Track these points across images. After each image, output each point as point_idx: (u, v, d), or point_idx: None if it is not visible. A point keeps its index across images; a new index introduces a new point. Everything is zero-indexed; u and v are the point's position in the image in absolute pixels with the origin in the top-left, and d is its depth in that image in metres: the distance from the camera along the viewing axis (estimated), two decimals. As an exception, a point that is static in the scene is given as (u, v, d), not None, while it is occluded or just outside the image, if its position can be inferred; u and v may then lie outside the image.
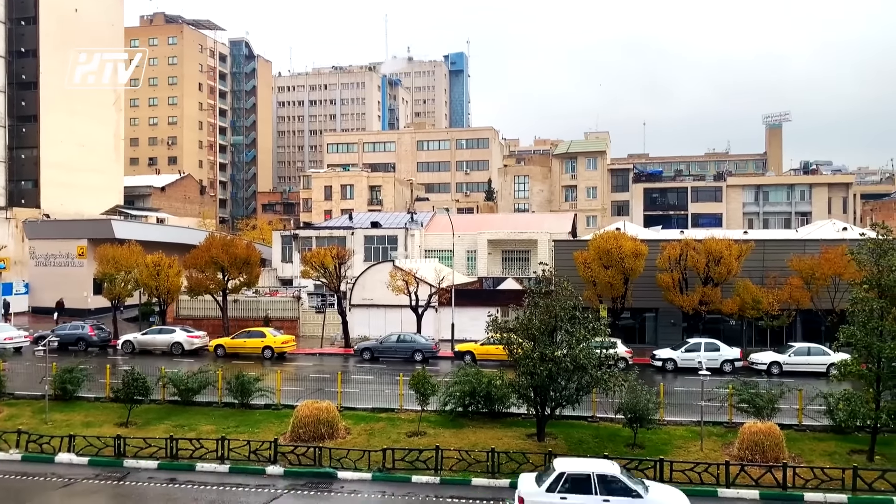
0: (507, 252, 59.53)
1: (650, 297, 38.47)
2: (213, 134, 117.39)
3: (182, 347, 38.53)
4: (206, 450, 20.62)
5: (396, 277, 40.14)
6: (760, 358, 33.75)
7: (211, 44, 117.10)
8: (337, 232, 57.60)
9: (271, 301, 47.76)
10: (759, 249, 38.10)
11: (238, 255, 41.78)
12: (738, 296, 35.80)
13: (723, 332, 38.32)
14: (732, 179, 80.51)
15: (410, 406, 24.30)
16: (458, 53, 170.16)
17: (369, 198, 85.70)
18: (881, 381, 19.44)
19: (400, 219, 63.89)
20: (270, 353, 37.14)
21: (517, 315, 22.07)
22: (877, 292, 19.62)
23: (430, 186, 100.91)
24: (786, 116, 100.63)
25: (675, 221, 75.30)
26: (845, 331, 20.03)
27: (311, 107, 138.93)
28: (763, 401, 21.73)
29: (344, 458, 19.89)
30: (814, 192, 76.65)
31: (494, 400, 23.22)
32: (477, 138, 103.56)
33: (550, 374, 20.33)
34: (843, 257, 32.19)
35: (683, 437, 21.83)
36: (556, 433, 22.08)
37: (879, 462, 19.64)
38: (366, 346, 37.88)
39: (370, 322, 43.84)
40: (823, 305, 35.28)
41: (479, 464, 19.49)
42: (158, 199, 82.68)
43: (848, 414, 19.92)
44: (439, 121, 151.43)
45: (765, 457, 19.28)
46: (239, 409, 25.27)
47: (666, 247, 37.49)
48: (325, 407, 21.95)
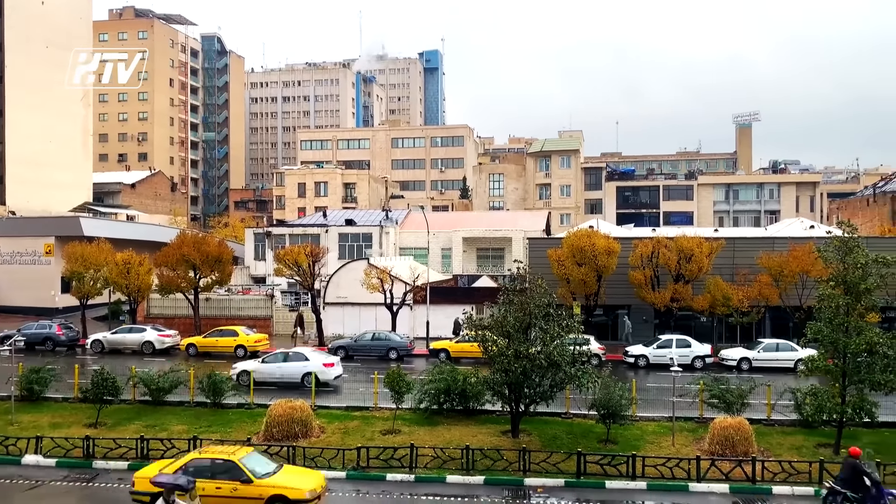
0: (482, 250, 59.66)
1: (623, 295, 38.85)
2: (185, 130, 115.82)
3: (153, 346, 38.01)
4: (177, 450, 20.33)
5: (371, 275, 40.01)
6: (730, 354, 34.30)
7: (182, 39, 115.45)
8: (311, 229, 57.22)
9: (244, 299, 47.33)
10: (729, 247, 38.68)
11: (210, 252, 41.34)
12: (709, 293, 36.32)
13: (694, 329, 38.85)
14: (703, 178, 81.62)
15: (385, 404, 24.27)
16: (432, 51, 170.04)
17: (344, 195, 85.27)
18: (847, 376, 19.86)
19: (375, 216, 63.69)
20: (243, 352, 36.75)
21: (492, 312, 22.14)
22: (842, 289, 20.03)
23: (405, 184, 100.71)
24: (755, 116, 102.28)
25: (648, 219, 76.14)
26: (812, 327, 20.44)
27: (284, 103, 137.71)
28: (733, 396, 22.08)
29: (318, 457, 19.78)
30: (782, 190, 78.04)
31: (469, 397, 23.31)
32: (452, 136, 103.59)
33: (525, 371, 20.44)
34: (811, 255, 32.86)
35: (655, 433, 22.10)
36: (531, 430, 22.21)
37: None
38: (340, 344, 37.70)
39: (345, 320, 43.63)
40: (791, 302, 35.94)
41: (453, 461, 19.53)
42: (128, 196, 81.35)
43: (815, 408, 20.33)
44: (414, 118, 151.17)
45: (735, 451, 19.60)
46: (211, 408, 25.00)
47: (638, 244, 37.88)
48: (299, 406, 21.83)
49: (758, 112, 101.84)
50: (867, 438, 21.47)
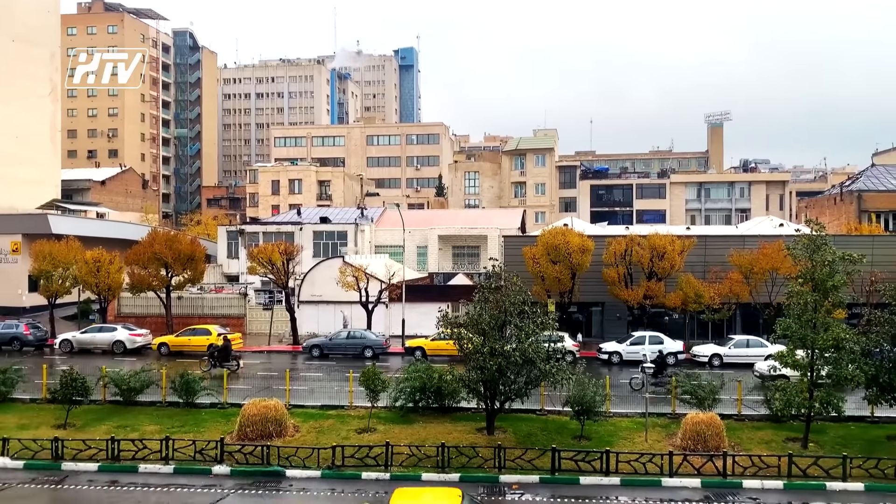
0: (458, 247, 59.73)
1: (596, 292, 39.19)
2: (156, 126, 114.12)
3: (124, 346, 37.48)
4: (149, 450, 20.09)
5: (346, 273, 39.84)
6: (702, 350, 34.79)
7: (153, 34, 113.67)
8: (285, 227, 56.78)
9: (217, 298, 46.84)
10: (700, 245, 39.19)
11: (182, 250, 40.86)
12: (681, 290, 36.78)
13: (666, 326, 39.32)
14: (676, 177, 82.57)
15: (360, 403, 24.21)
16: (407, 48, 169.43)
17: (318, 193, 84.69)
18: (815, 371, 20.24)
19: (350, 214, 63.41)
20: (216, 351, 36.36)
21: (467, 310, 22.19)
22: (811, 286, 20.42)
23: (380, 181, 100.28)
24: (726, 116, 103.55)
25: (621, 217, 76.81)
26: (782, 323, 20.81)
27: (257, 100, 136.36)
28: (704, 392, 22.41)
29: (292, 457, 19.67)
30: (752, 189, 79.26)
31: (445, 395, 23.34)
32: (427, 134, 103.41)
33: (500, 369, 20.51)
34: (780, 252, 33.44)
35: (629, 429, 22.34)
36: (506, 427, 22.32)
37: (813, 449, 20.48)
38: (315, 342, 37.53)
39: (319, 319, 43.40)
40: (761, 299, 36.53)
41: (429, 458, 19.54)
42: (98, 193, 79.91)
43: (783, 403, 20.68)
44: (389, 116, 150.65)
45: (706, 446, 19.89)
46: (184, 408, 24.72)
47: (612, 242, 38.22)
48: (273, 405, 21.68)
49: (729, 112, 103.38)
50: (834, 432, 21.96)
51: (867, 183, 57.51)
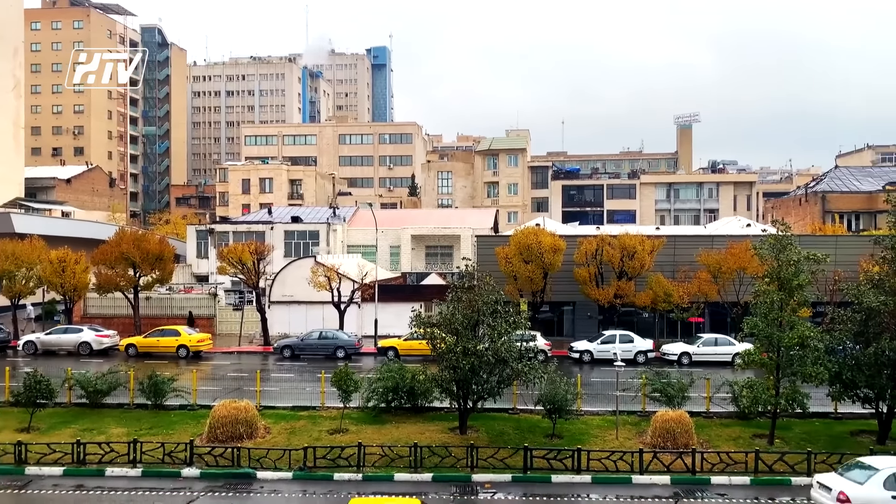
0: (431, 247, 59.71)
1: (568, 291, 39.45)
2: (124, 124, 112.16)
3: (90, 347, 36.79)
4: (116, 454, 19.74)
5: (318, 273, 39.57)
6: (671, 349, 35.25)
7: (121, 29, 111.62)
8: (255, 227, 56.24)
9: (186, 298, 46.22)
10: (670, 245, 39.68)
11: (150, 250, 40.25)
12: (651, 289, 37.22)
13: (636, 325, 39.74)
14: (645, 177, 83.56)
15: (332, 403, 24.09)
16: (380, 47, 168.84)
17: (289, 192, 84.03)
18: (780, 369, 20.63)
19: (322, 213, 63.03)
20: (186, 352, 35.97)
21: (440, 310, 22.20)
22: (777, 285, 20.80)
23: (352, 181, 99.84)
24: (695, 117, 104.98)
25: (592, 217, 77.44)
26: (749, 322, 21.16)
27: (228, 97, 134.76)
28: (674, 390, 22.70)
29: (263, 458, 19.49)
30: (721, 190, 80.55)
31: (417, 395, 23.33)
32: (400, 133, 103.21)
33: (473, 368, 20.56)
34: (747, 252, 34.00)
35: (600, 427, 22.54)
36: (478, 426, 22.37)
37: (779, 445, 20.88)
38: (286, 343, 37.23)
39: (290, 319, 43.07)
40: (729, 298, 37.13)
41: (401, 459, 19.51)
42: (64, 191, 78.26)
43: (751, 400, 21.05)
44: (362, 115, 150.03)
45: (676, 443, 20.16)
46: (152, 410, 24.35)
47: (583, 242, 38.53)
48: (244, 406, 21.47)
49: (698, 113, 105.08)
50: (799, 428, 22.41)
51: (831, 184, 58.85)
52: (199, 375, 27.73)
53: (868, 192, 55.47)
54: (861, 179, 59.13)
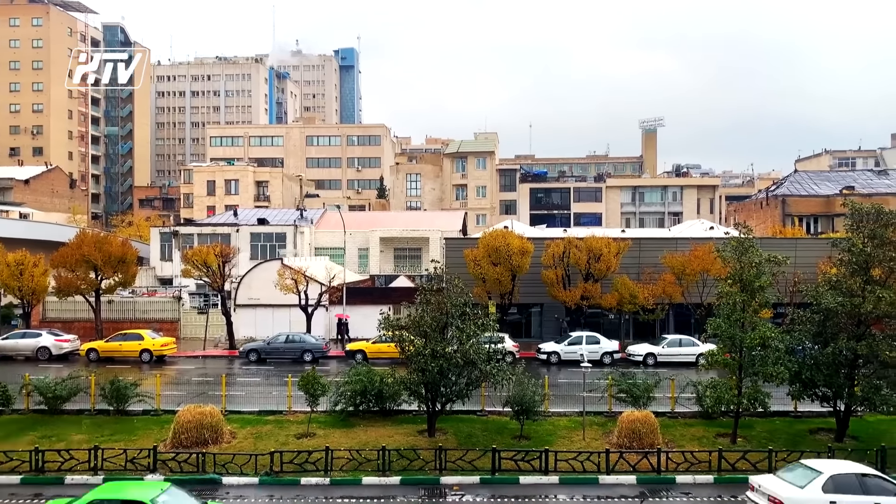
0: (400, 249, 59.61)
1: (536, 293, 39.73)
2: (85, 124, 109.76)
3: (49, 352, 35.94)
4: (76, 461, 19.28)
5: (285, 276, 39.21)
6: (637, 350, 35.72)
7: (82, 27, 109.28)
8: (221, 229, 55.50)
9: (150, 302, 45.41)
10: (635, 247, 40.23)
11: (113, 252, 39.42)
12: (617, 291, 37.68)
13: (602, 326, 40.20)
14: (611, 181, 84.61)
15: (300, 407, 23.88)
16: (348, 48, 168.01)
17: (256, 193, 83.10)
18: (743, 369, 21.04)
19: (289, 215, 62.48)
20: (149, 357, 35.34)
21: (409, 312, 22.17)
22: (739, 287, 21.22)
23: (320, 183, 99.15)
24: (660, 122, 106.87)
25: (559, 220, 78.20)
26: (712, 323, 21.55)
27: (193, 98, 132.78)
28: (640, 390, 23.00)
29: (229, 463, 19.23)
30: (684, 193, 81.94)
31: (386, 398, 23.24)
32: (369, 135, 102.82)
33: (441, 370, 20.57)
34: (710, 254, 34.62)
35: (567, 428, 22.72)
36: (447, 428, 22.38)
37: (741, 444, 21.30)
38: (252, 347, 36.80)
39: (257, 322, 42.59)
40: (693, 299, 37.76)
41: (369, 462, 19.42)
42: (21, 192, 76.29)
43: (714, 400, 21.44)
44: (329, 116, 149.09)
45: (641, 443, 20.42)
46: (115, 416, 23.83)
47: (550, 244, 38.85)
48: (209, 411, 21.16)
49: (662, 118, 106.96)
50: (761, 427, 22.88)
51: (790, 188, 60.25)
52: (163, 380, 27.27)
53: (826, 196, 56.95)
54: (819, 184, 60.67)
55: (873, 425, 23.15)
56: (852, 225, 21.54)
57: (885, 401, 20.25)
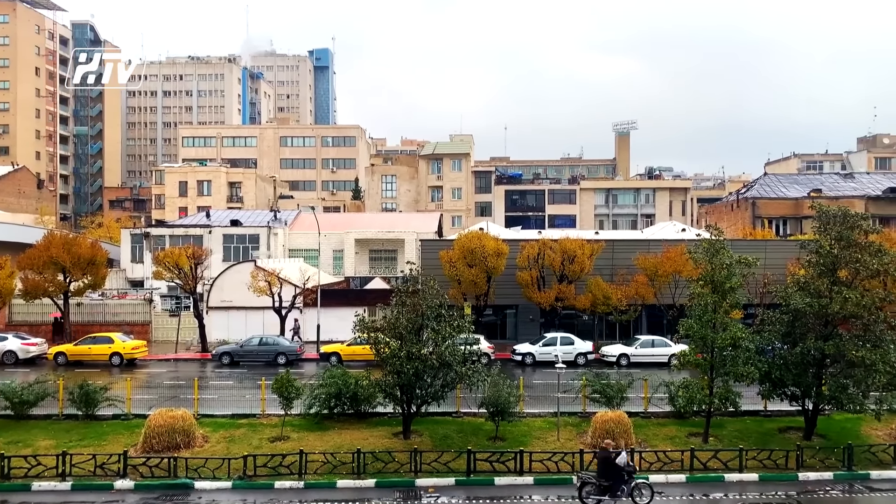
0: (375, 251, 59.43)
1: (511, 295, 39.89)
2: (53, 123, 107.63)
3: (15, 356, 35.17)
4: (44, 467, 18.89)
5: (258, 278, 38.88)
6: (610, 350, 36.04)
7: (50, 25, 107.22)
8: (193, 230, 54.84)
9: (120, 304, 44.71)
10: (608, 249, 40.60)
11: (82, 254, 38.79)
12: (591, 292, 37.99)
13: (576, 327, 40.48)
14: (585, 183, 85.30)
15: (273, 411, 23.67)
16: (322, 49, 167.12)
17: (229, 195, 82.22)
18: (714, 369, 21.35)
19: (262, 217, 61.93)
20: (119, 360, 34.79)
21: (384, 314, 22.11)
22: (710, 288, 21.53)
23: (294, 184, 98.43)
24: (633, 125, 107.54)
25: (534, 222, 78.62)
26: (684, 324, 21.83)
27: (164, 98, 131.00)
28: (613, 391, 23.21)
29: (202, 468, 19.00)
30: (657, 195, 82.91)
31: (361, 400, 23.15)
32: (343, 136, 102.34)
33: (417, 372, 20.54)
34: (682, 256, 35.06)
35: (542, 428, 22.84)
36: (422, 430, 22.36)
37: (713, 443, 21.60)
38: (225, 350, 36.42)
39: (230, 325, 42.13)
40: (665, 300, 38.21)
41: (344, 465, 19.33)
42: (-14, 192, 74.62)
43: (686, 400, 21.71)
44: (304, 117, 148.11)
45: (615, 443, 20.58)
46: (84, 421, 23.41)
47: (525, 246, 39.05)
48: (181, 415, 20.88)
49: (635, 121, 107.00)
50: (732, 426, 23.22)
51: (760, 191, 61.26)
52: (134, 384, 26.85)
53: (794, 199, 58.02)
54: (788, 186, 61.78)
55: (840, 423, 23.64)
56: (820, 227, 21.97)
57: (851, 399, 20.66)
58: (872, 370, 20.09)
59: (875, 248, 21.12)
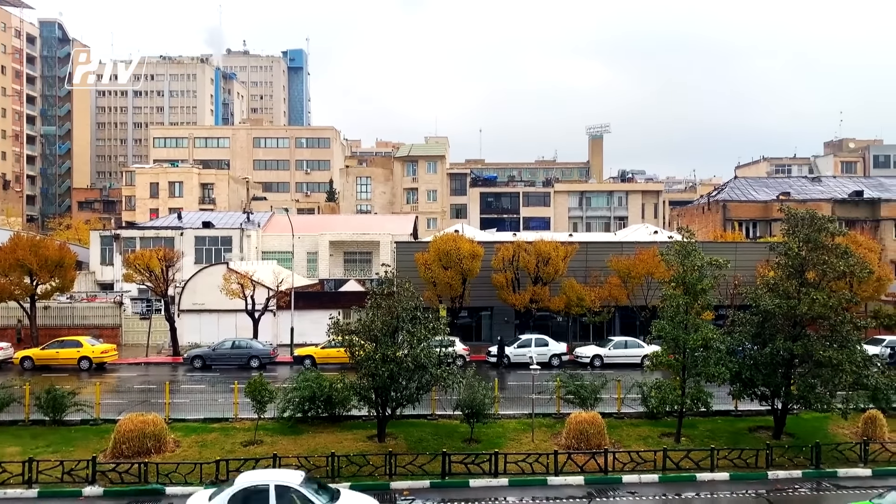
0: (350, 253, 59.16)
1: (486, 297, 40.01)
2: (20, 123, 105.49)
3: (-20, 361, 34.36)
4: (9, 474, 18.46)
5: (231, 280, 38.48)
6: (584, 352, 36.30)
7: (16, 23, 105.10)
8: (164, 232, 54.14)
9: (89, 307, 43.93)
10: (582, 251, 40.93)
11: (49, 256, 38.05)
12: (565, 294, 38.25)
13: (551, 329, 40.73)
14: (559, 186, 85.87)
15: (247, 415, 23.44)
16: (296, 50, 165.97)
17: (201, 196, 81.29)
18: (686, 370, 21.59)
19: (235, 219, 61.31)
20: (88, 364, 34.21)
21: (359, 317, 22.01)
22: (682, 289, 21.79)
23: (268, 185, 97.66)
24: (606, 128, 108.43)
25: (509, 224, 78.95)
26: (656, 325, 22.05)
27: (135, 98, 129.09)
28: (587, 392, 23.38)
29: (173, 473, 18.72)
30: (630, 198, 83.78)
31: (335, 403, 23.01)
32: (318, 137, 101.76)
33: (392, 375, 20.48)
34: (655, 258, 35.49)
35: (517, 430, 22.91)
36: (397, 433, 22.29)
37: (685, 443, 21.85)
38: (197, 353, 35.97)
39: (202, 328, 41.66)
40: (638, 302, 38.61)
41: (318, 469, 19.18)
42: (-50, 193, 72.86)
43: (659, 401, 21.94)
44: (277, 118, 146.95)
45: (589, 444, 20.74)
46: (51, 426, 22.94)
47: (500, 248, 39.19)
48: (152, 420, 20.57)
49: (608, 124, 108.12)
50: (703, 426, 23.51)
51: (731, 194, 62.16)
52: (104, 388, 26.40)
53: (764, 202, 58.97)
54: (758, 189, 62.78)
55: (809, 422, 24.08)
56: (788, 230, 22.35)
57: (819, 399, 21.04)
58: (839, 370, 20.48)
59: (841, 250, 21.54)
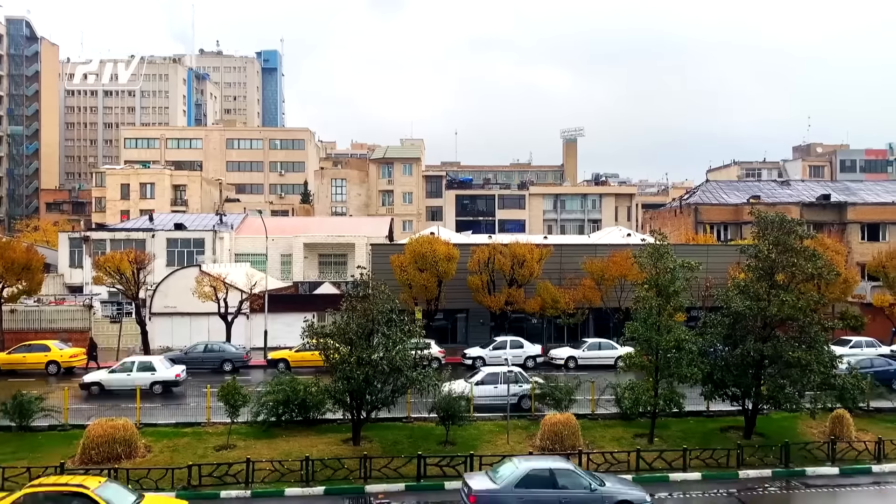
0: (325, 256, 58.81)
1: (462, 299, 40.05)
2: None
3: (-57, 366, 33.47)
4: (-26, 482, 18.03)
5: (203, 283, 38.00)
6: (559, 353, 36.48)
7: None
8: (135, 234, 53.35)
9: (57, 310, 43.03)
10: (557, 253, 41.16)
11: (16, 259, 37.22)
12: (540, 296, 38.44)
13: (526, 331, 40.86)
14: (534, 188, 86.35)
15: (219, 419, 23.18)
16: (271, 51, 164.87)
17: (173, 198, 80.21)
18: (659, 371, 21.85)
19: (208, 220, 60.63)
20: (56, 369, 33.55)
21: (334, 320, 21.89)
22: (655, 291, 22.05)
23: (241, 187, 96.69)
24: (580, 131, 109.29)
25: (484, 227, 79.12)
26: (630, 326, 22.29)
27: (106, 98, 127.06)
28: (561, 393, 23.52)
29: (144, 478, 18.43)
30: (603, 201, 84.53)
31: (310, 407, 22.85)
32: (292, 139, 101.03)
33: (367, 378, 20.39)
34: (628, 260, 35.77)
35: (492, 432, 22.95)
36: (372, 436, 22.21)
37: (658, 444, 22.08)
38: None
39: (174, 331, 41.10)
40: (612, 304, 38.92)
41: (293, 473, 19.05)
42: (-88, 194, 71.02)
43: (632, 402, 22.16)
44: (251, 119, 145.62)
45: (564, 445, 20.86)
46: (17, 432, 22.45)
47: (476, 251, 39.27)
48: (122, 424, 20.24)
49: (582, 128, 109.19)
50: (676, 427, 23.78)
51: (702, 197, 63.01)
52: (72, 393, 25.94)
53: (735, 205, 59.84)
54: (728, 193, 63.72)
55: (778, 422, 24.48)
56: (758, 233, 22.74)
57: (788, 399, 21.42)
58: (808, 370, 20.88)
59: (809, 252, 21.97)
